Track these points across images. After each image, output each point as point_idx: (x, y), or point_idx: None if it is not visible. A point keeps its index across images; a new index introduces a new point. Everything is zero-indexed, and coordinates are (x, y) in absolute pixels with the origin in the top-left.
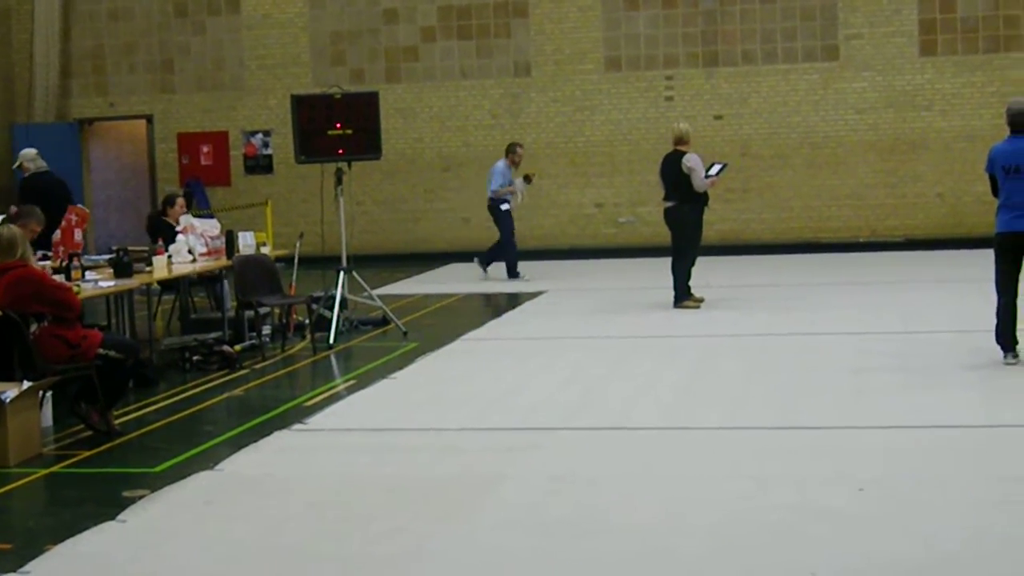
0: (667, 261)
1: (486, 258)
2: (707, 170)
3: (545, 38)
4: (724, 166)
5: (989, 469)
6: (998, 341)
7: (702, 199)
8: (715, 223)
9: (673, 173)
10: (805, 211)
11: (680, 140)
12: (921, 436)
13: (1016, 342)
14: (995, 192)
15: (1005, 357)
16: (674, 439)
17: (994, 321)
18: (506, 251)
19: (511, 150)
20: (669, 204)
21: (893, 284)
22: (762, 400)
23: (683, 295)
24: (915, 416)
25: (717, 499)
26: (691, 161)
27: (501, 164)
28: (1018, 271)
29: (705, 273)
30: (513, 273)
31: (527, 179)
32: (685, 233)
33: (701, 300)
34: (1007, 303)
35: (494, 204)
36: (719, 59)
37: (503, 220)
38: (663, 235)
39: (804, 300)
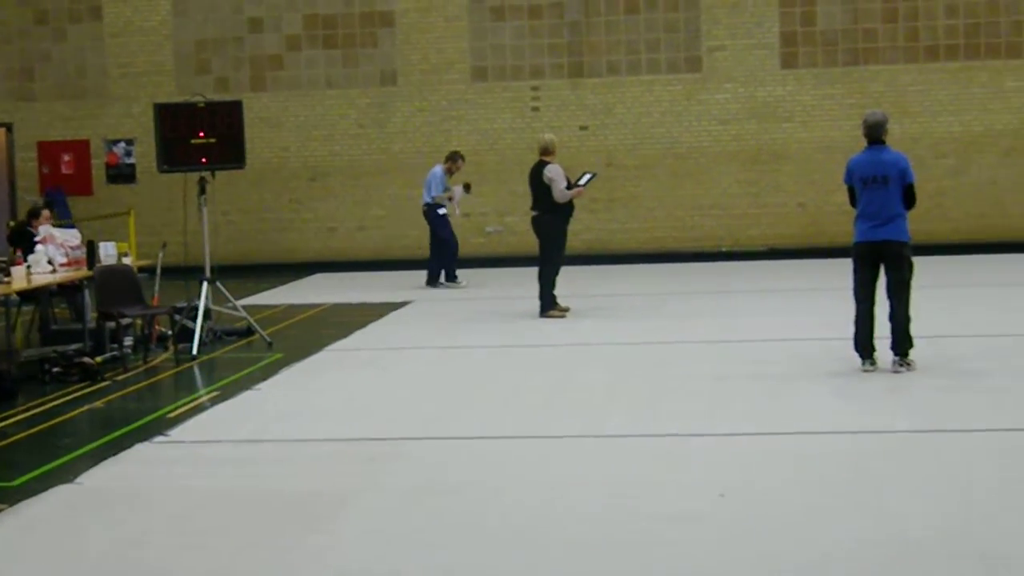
0: (535, 271)
1: (447, 272)
2: (577, 180)
3: (412, 48)
4: (593, 175)
5: (847, 474)
6: (856, 349)
7: (566, 209)
8: (581, 232)
9: (537, 184)
10: (669, 221)
11: (545, 151)
12: (781, 442)
13: (874, 349)
14: (853, 202)
15: (863, 364)
16: (538, 447)
17: (852, 329)
18: (444, 255)
19: (453, 158)
20: (535, 213)
21: (755, 293)
22: (625, 408)
23: (549, 304)
24: (775, 423)
25: (580, 507)
26: (551, 172)
27: (439, 170)
28: (875, 279)
29: (571, 283)
30: (451, 277)
31: (467, 188)
32: (550, 243)
33: (567, 309)
34: (865, 311)
35: (431, 210)
36: (584, 70)
37: (441, 225)
38: (531, 244)
39: (668, 309)
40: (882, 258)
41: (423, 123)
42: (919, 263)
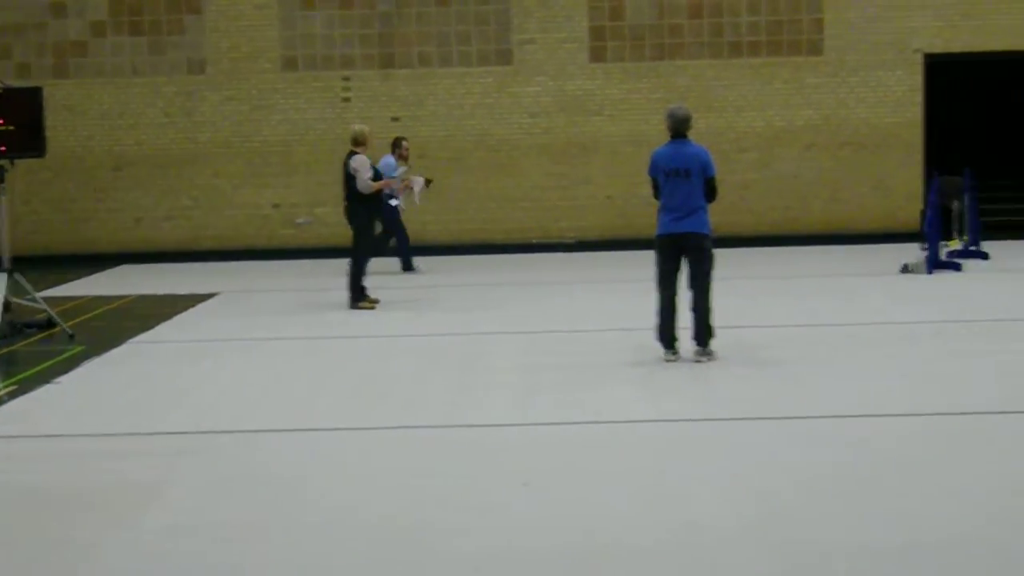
0: (346, 262)
1: (404, 261)
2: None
3: (220, 35)
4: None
5: (651, 462)
6: (659, 339)
7: (373, 200)
8: None
9: (347, 174)
10: (480, 213)
11: (356, 141)
12: (585, 431)
13: (676, 339)
14: (656, 195)
15: (666, 354)
16: (345, 439)
17: (656, 320)
18: (397, 244)
19: (398, 144)
20: (345, 204)
21: (564, 284)
22: (433, 398)
23: (358, 296)
24: (580, 412)
25: (384, 498)
26: (356, 162)
27: (391, 160)
28: (678, 270)
29: (381, 274)
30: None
31: (428, 182)
32: (359, 234)
33: (376, 301)
34: (667, 302)
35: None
36: (396, 61)
37: (391, 216)
38: (343, 236)
39: (477, 300)
40: (684, 250)
41: (232, 112)
42: (724, 255)
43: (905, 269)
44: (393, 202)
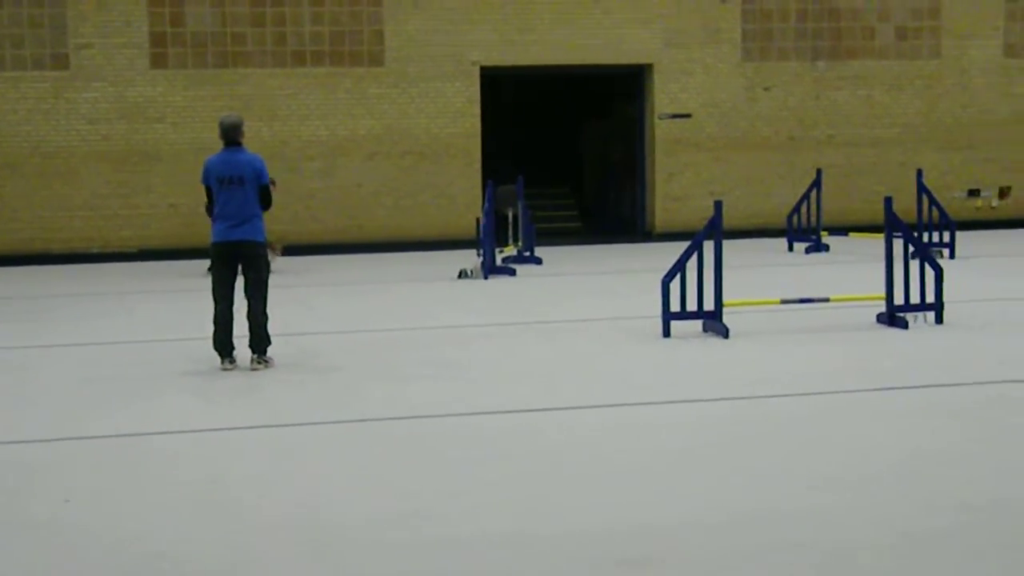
0: None
1: None
2: None
3: None
4: None
5: (203, 473)
6: (216, 348)
7: None
8: None
9: None
10: (36, 221)
11: None
12: (138, 443)
13: (233, 348)
14: (210, 203)
15: (223, 363)
16: None
17: (212, 329)
18: None
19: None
20: None
21: (126, 294)
22: None
23: None
24: (135, 424)
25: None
26: None
27: None
28: (234, 278)
29: None
30: None
31: None
32: None
33: None
34: (223, 311)
35: None
36: None
37: None
38: None
39: (32, 313)
40: (239, 258)
41: None
42: (291, 264)
43: (462, 275)
44: None
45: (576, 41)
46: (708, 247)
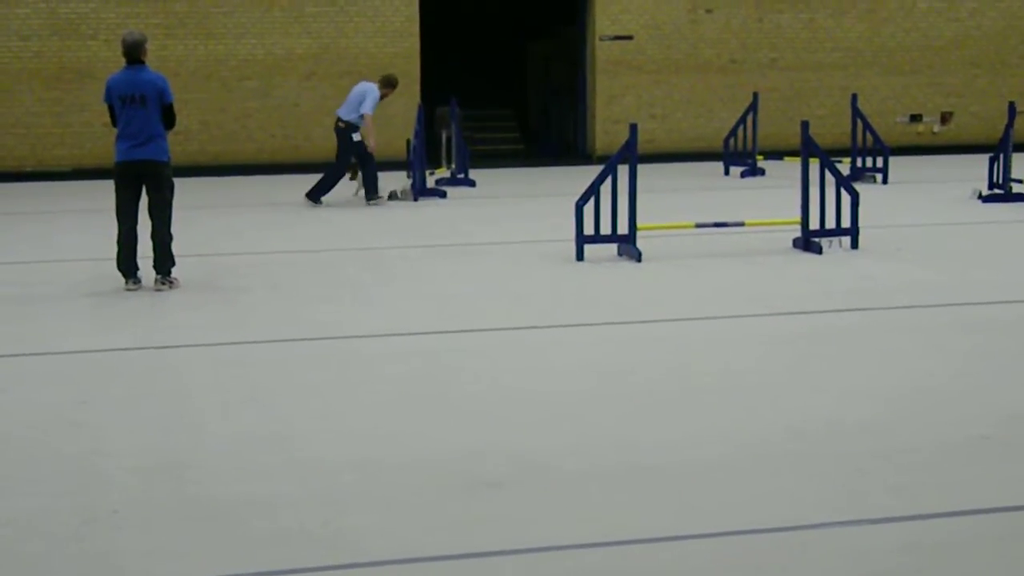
0: None
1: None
2: None
3: None
4: None
5: (97, 393)
6: (120, 268)
7: None
8: None
9: None
10: None
11: None
12: (29, 363)
13: (137, 268)
14: (114, 122)
15: (127, 283)
16: None
17: (116, 249)
18: (332, 178)
19: (391, 84)
20: None
21: (59, 213)
22: None
23: None
24: (28, 344)
25: None
26: None
27: (376, 89)
28: (138, 199)
29: None
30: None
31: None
32: None
33: None
34: (127, 231)
35: (348, 129)
36: None
37: (350, 149)
38: None
39: None
40: (142, 177)
41: None
42: (221, 183)
43: (392, 196)
44: (356, 137)
45: None
46: (646, 172)
